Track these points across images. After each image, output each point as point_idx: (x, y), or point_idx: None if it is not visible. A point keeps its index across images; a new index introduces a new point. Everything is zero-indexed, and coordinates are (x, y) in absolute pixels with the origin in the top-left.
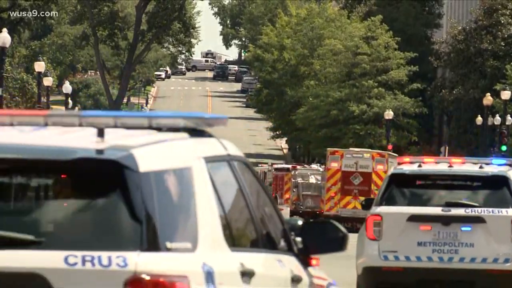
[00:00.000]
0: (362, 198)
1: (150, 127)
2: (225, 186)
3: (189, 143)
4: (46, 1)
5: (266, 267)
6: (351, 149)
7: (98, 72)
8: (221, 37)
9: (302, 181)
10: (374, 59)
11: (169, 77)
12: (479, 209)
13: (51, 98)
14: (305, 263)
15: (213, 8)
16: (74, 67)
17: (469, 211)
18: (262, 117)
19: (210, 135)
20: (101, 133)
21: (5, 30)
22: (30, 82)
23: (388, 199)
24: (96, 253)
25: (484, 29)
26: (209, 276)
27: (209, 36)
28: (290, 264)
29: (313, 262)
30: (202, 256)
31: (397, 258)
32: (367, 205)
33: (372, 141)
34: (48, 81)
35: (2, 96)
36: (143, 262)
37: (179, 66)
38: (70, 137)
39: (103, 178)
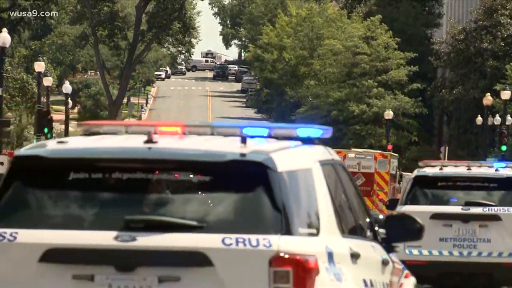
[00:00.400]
0: (364, 199)
1: (269, 136)
2: (333, 184)
3: (306, 149)
4: (46, 1)
5: (366, 251)
6: (353, 149)
7: (98, 72)
8: (221, 37)
9: None
10: (374, 59)
11: (169, 77)
12: (496, 208)
13: (51, 98)
14: (387, 250)
15: (213, 8)
16: (74, 67)
17: (486, 210)
18: (262, 117)
19: (317, 143)
20: (244, 140)
21: (5, 30)
22: (30, 82)
23: (412, 199)
24: (246, 236)
25: (484, 29)
26: (330, 256)
27: (209, 36)
28: (378, 249)
29: (395, 249)
30: (324, 240)
31: (421, 252)
32: (391, 205)
33: (373, 141)
34: (48, 81)
35: (2, 96)
36: (283, 243)
37: (179, 66)
38: (218, 143)
39: (249, 176)
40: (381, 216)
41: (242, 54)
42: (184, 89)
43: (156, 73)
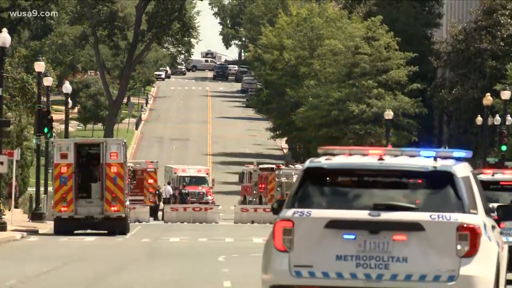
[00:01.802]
0: None
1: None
2: (477, 185)
3: (462, 164)
4: (46, 1)
5: (495, 225)
6: None
7: (98, 72)
8: (221, 37)
9: (286, 180)
10: (374, 59)
11: (169, 77)
12: None
13: (51, 98)
14: (498, 226)
15: (213, 8)
16: (74, 67)
17: None
18: (262, 117)
19: (463, 160)
20: (435, 159)
21: (5, 30)
22: (30, 82)
23: None
24: (443, 214)
25: (484, 29)
26: (485, 226)
27: (209, 36)
28: (495, 225)
29: (502, 225)
30: (480, 217)
31: None
32: None
33: (373, 141)
34: (48, 81)
35: (2, 96)
36: (464, 218)
37: (179, 66)
38: (419, 160)
39: (442, 179)
40: (490, 205)
41: (242, 54)
42: (184, 89)
43: (156, 73)
